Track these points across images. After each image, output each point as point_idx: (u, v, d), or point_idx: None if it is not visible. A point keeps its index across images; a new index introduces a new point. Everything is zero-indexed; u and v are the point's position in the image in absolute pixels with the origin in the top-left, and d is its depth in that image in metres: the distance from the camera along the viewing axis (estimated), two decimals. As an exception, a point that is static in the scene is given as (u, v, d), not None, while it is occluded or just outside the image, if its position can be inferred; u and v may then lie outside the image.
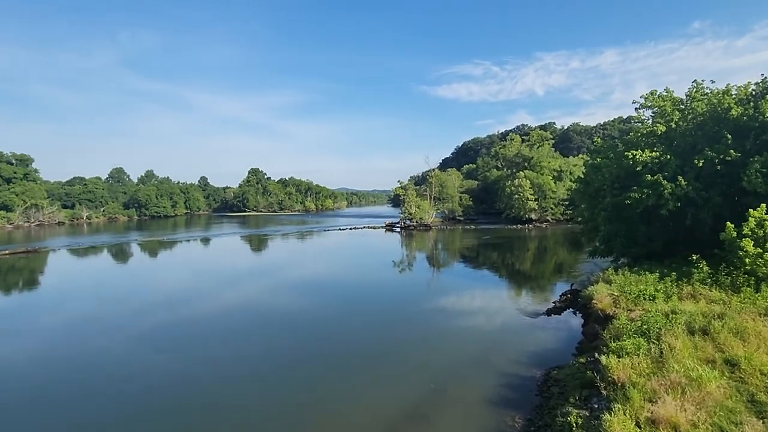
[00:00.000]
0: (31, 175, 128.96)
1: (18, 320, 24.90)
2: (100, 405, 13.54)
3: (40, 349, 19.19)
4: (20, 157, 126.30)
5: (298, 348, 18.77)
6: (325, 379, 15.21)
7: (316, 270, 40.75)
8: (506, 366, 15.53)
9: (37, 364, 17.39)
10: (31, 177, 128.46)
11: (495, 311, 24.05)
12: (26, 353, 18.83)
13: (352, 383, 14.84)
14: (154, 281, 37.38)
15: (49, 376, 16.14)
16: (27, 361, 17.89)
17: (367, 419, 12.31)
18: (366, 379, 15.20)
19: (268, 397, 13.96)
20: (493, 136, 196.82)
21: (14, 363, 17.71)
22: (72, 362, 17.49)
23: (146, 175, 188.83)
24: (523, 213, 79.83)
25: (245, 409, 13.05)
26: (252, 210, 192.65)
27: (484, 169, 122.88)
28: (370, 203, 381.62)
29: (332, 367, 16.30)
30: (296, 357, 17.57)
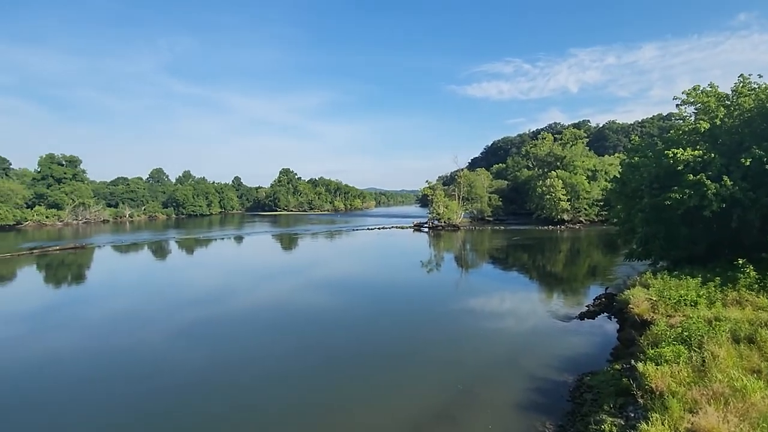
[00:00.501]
0: (80, 175, 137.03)
1: (67, 312, 26.57)
2: (138, 394, 14.28)
3: (86, 341, 20.41)
4: (70, 158, 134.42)
5: (327, 346, 19.09)
6: (353, 377, 15.43)
7: (345, 269, 41.24)
8: (537, 370, 15.25)
9: (83, 355, 18.51)
10: (79, 177, 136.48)
11: (525, 314, 23.62)
12: (74, 344, 20.07)
13: (378, 382, 14.98)
14: (190, 278, 38.89)
15: (94, 366, 17.16)
16: (75, 351, 19.07)
17: (392, 419, 12.41)
18: (393, 378, 15.29)
19: (295, 394, 14.26)
20: (524, 135, 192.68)
21: (63, 353, 18.92)
22: (115, 354, 18.49)
23: (184, 175, 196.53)
24: (555, 214, 77.72)
25: (273, 405, 13.45)
26: (283, 209, 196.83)
27: (514, 168, 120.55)
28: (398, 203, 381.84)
29: (359, 366, 16.53)
30: (324, 355, 17.89)
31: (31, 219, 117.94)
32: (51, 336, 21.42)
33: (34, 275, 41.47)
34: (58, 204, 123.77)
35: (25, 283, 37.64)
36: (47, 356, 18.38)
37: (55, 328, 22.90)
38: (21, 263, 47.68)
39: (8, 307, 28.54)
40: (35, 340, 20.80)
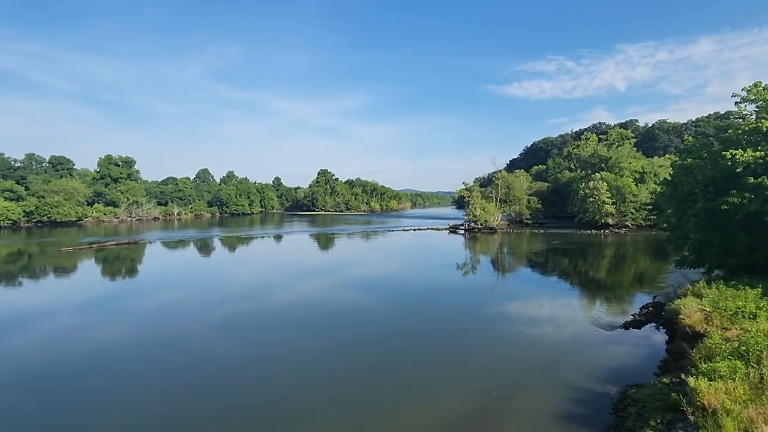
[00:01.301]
0: (134, 175, 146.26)
1: (121, 303, 28.46)
2: (181, 382, 15.09)
3: (136, 330, 21.80)
4: (125, 159, 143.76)
5: (360, 344, 19.35)
6: (384, 376, 15.54)
7: (380, 269, 41.50)
8: (576, 379, 14.73)
9: (133, 344, 19.75)
10: (134, 177, 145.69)
11: (565, 321, 22.83)
12: (126, 333, 21.47)
13: (410, 382, 14.97)
14: (232, 274, 40.50)
15: (142, 354, 18.27)
16: (126, 340, 20.38)
17: (422, 420, 12.38)
18: (424, 379, 15.23)
19: (328, 390, 14.52)
20: (566, 136, 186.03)
21: (116, 341, 20.28)
22: (161, 343, 19.64)
23: (227, 175, 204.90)
24: (599, 217, 74.45)
25: (306, 399, 13.76)
26: (320, 209, 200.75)
27: (554, 170, 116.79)
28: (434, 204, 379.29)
29: (392, 365, 16.61)
30: (357, 353, 18.15)
31: (90, 215, 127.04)
32: (106, 325, 23.04)
33: (93, 268, 44.66)
34: (115, 202, 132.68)
35: (85, 275, 40.62)
36: (102, 343, 19.78)
37: (109, 318, 24.62)
38: (82, 256, 51.51)
39: (71, 297, 30.94)
40: (92, 328, 22.44)
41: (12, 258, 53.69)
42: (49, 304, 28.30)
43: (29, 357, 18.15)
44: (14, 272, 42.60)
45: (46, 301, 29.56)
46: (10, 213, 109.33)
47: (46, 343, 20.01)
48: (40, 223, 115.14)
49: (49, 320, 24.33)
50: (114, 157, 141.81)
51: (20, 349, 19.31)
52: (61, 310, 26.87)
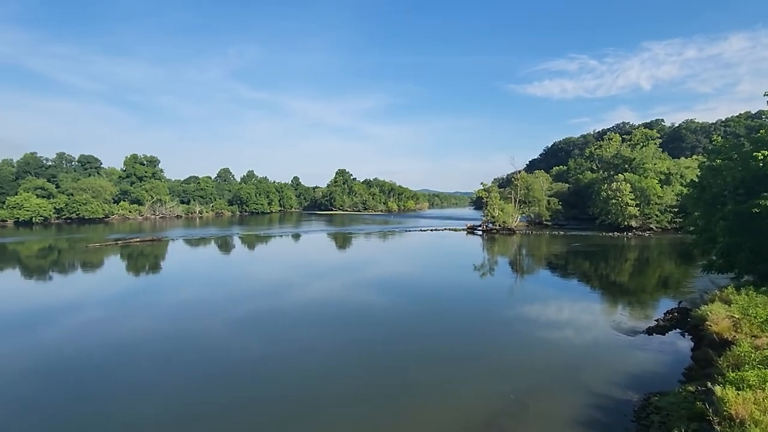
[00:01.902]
0: (158, 174, 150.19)
1: (144, 298, 29.29)
2: (202, 377, 15.41)
3: (158, 325, 22.42)
4: (150, 158, 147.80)
5: (376, 344, 19.37)
6: (400, 377, 15.50)
7: (397, 269, 41.50)
8: (597, 385, 14.42)
9: (155, 338, 20.32)
10: (158, 176, 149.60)
11: (585, 325, 22.37)
12: (148, 327, 22.08)
13: (426, 383, 14.92)
14: (251, 271, 41.16)
15: (164, 349, 18.75)
16: (149, 334, 20.98)
17: (438, 422, 12.33)
18: (440, 380, 15.16)
19: (343, 389, 14.60)
20: (588, 136, 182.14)
21: (139, 335, 20.88)
22: (182, 338, 20.10)
23: (248, 175, 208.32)
24: (622, 220, 72.62)
25: (321, 398, 13.88)
26: (338, 209, 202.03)
27: (576, 171, 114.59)
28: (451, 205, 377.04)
29: (408, 366, 16.57)
30: (374, 352, 18.19)
31: (116, 213, 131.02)
32: (130, 319, 23.74)
33: (118, 264, 46.08)
34: (139, 200, 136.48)
35: (111, 271, 41.94)
36: (126, 337, 20.41)
37: (133, 312, 25.37)
38: (108, 252, 53.22)
39: (97, 291, 31.99)
40: (117, 322, 23.15)
41: (43, 253, 55.89)
42: (77, 299, 29.35)
43: (59, 348, 18.87)
44: (45, 267, 44.35)
45: (74, 295, 30.66)
46: (41, 210, 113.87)
47: (74, 336, 20.78)
48: (70, 219, 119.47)
49: (76, 314, 25.24)
50: (139, 157, 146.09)
51: (51, 340, 20.11)
52: (88, 304, 27.82)
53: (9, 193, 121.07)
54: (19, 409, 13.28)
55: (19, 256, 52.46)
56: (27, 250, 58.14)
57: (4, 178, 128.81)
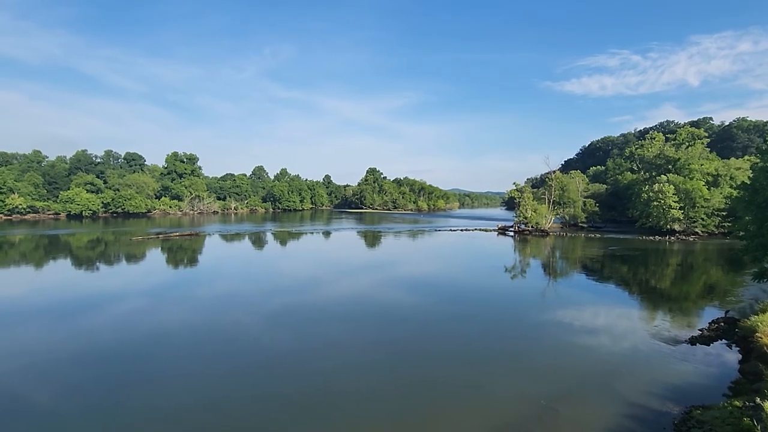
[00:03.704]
0: (196, 171, 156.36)
1: (181, 290, 30.61)
2: (232, 369, 15.96)
3: (193, 316, 23.36)
4: (189, 156, 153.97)
5: (403, 343, 19.33)
6: (427, 378, 15.43)
7: (426, 268, 41.37)
8: (634, 395, 13.88)
9: (190, 329, 21.20)
10: (196, 173, 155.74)
11: (622, 332, 21.52)
12: (184, 318, 23.07)
13: (452, 385, 14.81)
14: (282, 267, 42.17)
15: (198, 340, 19.54)
16: (184, 325, 21.92)
17: (466, 425, 12.21)
18: (468, 382, 15.02)
19: (369, 387, 14.72)
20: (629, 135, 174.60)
21: (175, 326, 21.87)
22: (215, 330, 20.87)
23: (281, 172, 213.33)
24: (664, 223, 69.18)
25: (347, 394, 14.07)
26: (368, 207, 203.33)
27: (614, 171, 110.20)
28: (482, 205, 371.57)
29: (436, 367, 16.47)
30: (400, 352, 18.18)
31: (158, 208, 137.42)
32: (168, 309, 24.94)
33: (159, 256, 48.35)
34: (179, 196, 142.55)
35: (152, 263, 44.06)
36: (164, 326, 21.47)
37: (171, 303, 26.61)
38: (150, 245, 55.96)
39: (139, 282, 33.71)
40: (156, 312, 24.40)
41: (92, 245, 59.46)
42: (121, 289, 31.05)
43: (104, 335, 20.08)
44: (93, 258, 47.16)
45: (118, 285, 32.45)
46: (91, 204, 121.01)
47: (118, 323, 22.03)
48: (116, 213, 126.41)
49: (120, 303, 26.73)
50: (179, 154, 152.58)
51: (97, 327, 21.42)
52: (130, 294, 29.39)
53: (62, 188, 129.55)
54: (67, 389, 14.25)
55: (70, 248, 56.06)
56: (77, 242, 62.04)
57: (58, 173, 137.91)
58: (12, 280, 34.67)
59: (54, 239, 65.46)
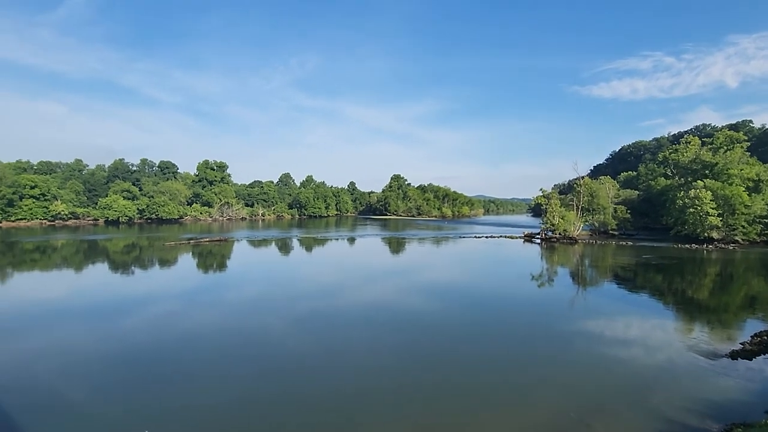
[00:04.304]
0: (226, 178, 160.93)
1: (211, 294, 31.54)
2: (261, 369, 16.35)
3: (221, 320, 24.01)
4: (219, 164, 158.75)
5: (426, 351, 19.24)
6: (451, 385, 15.36)
7: (450, 275, 41.10)
8: (670, 410, 13.40)
9: (218, 332, 21.79)
10: (226, 180, 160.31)
11: (657, 344, 20.76)
12: (213, 322, 23.75)
13: (475, 393, 14.63)
14: (307, 272, 42.78)
15: (225, 343, 20.07)
16: (212, 328, 22.56)
17: (499, 434, 12.11)
18: (491, 391, 14.83)
19: (393, 395, 14.72)
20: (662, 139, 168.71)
21: (203, 329, 22.54)
22: (242, 334, 21.40)
23: (307, 179, 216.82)
24: (701, 231, 66.22)
25: (371, 400, 14.16)
26: (392, 214, 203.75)
27: (647, 177, 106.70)
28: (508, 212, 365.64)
29: (458, 375, 16.34)
30: (423, 359, 18.11)
31: (189, 214, 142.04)
32: (197, 313, 25.76)
33: (190, 261, 49.99)
34: (209, 202, 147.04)
35: (184, 267, 45.61)
36: (193, 329, 22.16)
37: (201, 306, 27.49)
38: (181, 250, 57.96)
39: (171, 286, 34.98)
40: (186, 315, 25.27)
41: (127, 249, 62.10)
42: (154, 292, 32.31)
43: (137, 336, 20.93)
44: (129, 262, 49.25)
45: (152, 288, 33.77)
46: (127, 210, 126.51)
47: (150, 325, 22.96)
48: (150, 219, 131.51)
49: (153, 305, 27.85)
50: (210, 162, 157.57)
51: (130, 328, 22.35)
52: (163, 297, 30.55)
53: (101, 195, 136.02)
54: (103, 387, 14.94)
55: (108, 252, 58.73)
56: (114, 247, 64.93)
57: (98, 181, 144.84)
58: (54, 283, 36.62)
59: (93, 244, 68.74)
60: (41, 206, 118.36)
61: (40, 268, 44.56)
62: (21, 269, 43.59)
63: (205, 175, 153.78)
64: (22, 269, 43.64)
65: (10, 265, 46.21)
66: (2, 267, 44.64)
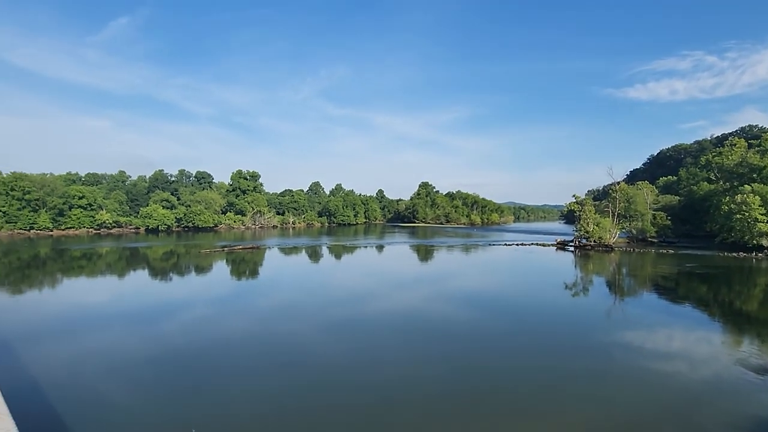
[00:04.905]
0: (258, 188, 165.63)
1: (243, 300, 32.48)
2: (291, 376, 16.63)
3: (253, 326, 24.63)
4: (252, 173, 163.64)
5: (459, 360, 18.97)
6: (487, 397, 15.09)
7: (480, 284, 40.51)
8: (715, 428, 12.69)
9: (250, 338, 22.39)
10: (258, 189, 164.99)
11: (702, 358, 19.70)
12: (245, 327, 24.40)
13: (507, 405, 14.34)
14: (337, 279, 43.28)
15: (257, 349, 20.56)
16: (245, 334, 23.18)
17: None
18: (531, 405, 14.47)
19: (422, 404, 14.68)
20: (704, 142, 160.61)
21: (236, 334, 23.18)
22: (273, 340, 21.88)
23: (336, 188, 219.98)
24: (749, 238, 62.35)
25: (399, 409, 14.14)
26: (420, 221, 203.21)
27: (688, 181, 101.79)
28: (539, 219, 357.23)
29: (494, 387, 16.01)
30: (452, 368, 17.88)
31: (224, 222, 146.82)
32: (230, 318, 26.55)
33: (224, 268, 51.63)
34: (243, 211, 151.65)
35: (218, 274, 47.17)
36: (226, 334, 22.83)
37: (233, 312, 28.34)
38: (216, 257, 59.97)
39: (206, 292, 36.22)
40: (219, 320, 26.07)
41: (166, 256, 64.85)
42: (190, 297, 33.56)
43: (173, 339, 21.79)
44: (167, 268, 51.41)
45: (188, 294, 35.11)
46: (166, 219, 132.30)
47: (186, 329, 23.83)
48: (187, 228, 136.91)
49: (189, 310, 28.95)
50: (243, 172, 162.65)
51: (167, 332, 23.32)
52: (198, 302, 31.67)
53: (142, 204, 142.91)
54: (143, 388, 15.63)
55: (148, 259, 61.55)
56: (154, 254, 67.96)
57: (139, 191, 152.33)
58: (99, 288, 38.70)
59: (134, 251, 72.21)
60: (88, 215, 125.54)
61: (87, 274, 47.21)
62: (69, 275, 46.34)
63: (239, 185, 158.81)
64: (71, 275, 46.38)
65: (60, 271, 49.21)
66: (53, 273, 47.62)
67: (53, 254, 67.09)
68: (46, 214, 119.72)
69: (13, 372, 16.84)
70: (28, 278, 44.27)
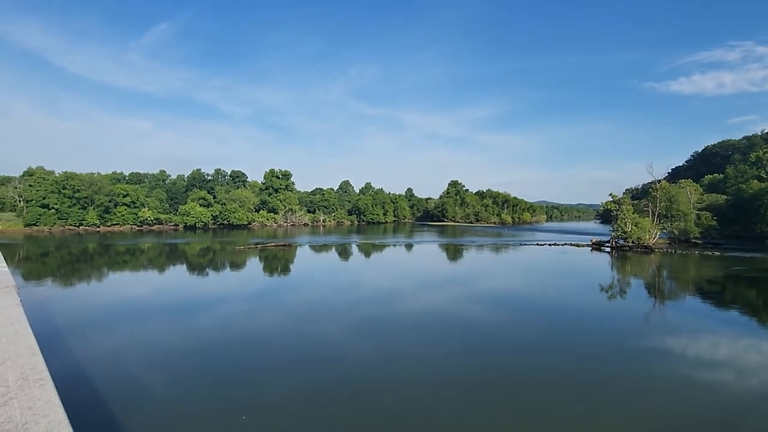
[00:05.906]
0: (290, 186, 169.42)
1: (276, 297, 33.29)
2: (320, 374, 16.98)
3: (284, 322, 25.21)
4: (284, 172, 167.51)
5: (487, 363, 18.81)
6: (518, 402, 14.94)
7: (511, 284, 39.81)
8: (765, 441, 12.02)
9: (281, 334, 22.95)
10: (290, 188, 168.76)
11: (752, 367, 18.63)
12: (277, 324, 25.04)
13: (545, 416, 14.09)
14: (366, 278, 43.62)
15: (287, 346, 21.07)
16: (276, 330, 23.80)
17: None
18: (563, 415, 14.19)
19: (450, 407, 14.66)
20: (754, 138, 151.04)
21: (268, 331, 23.85)
22: (303, 338, 22.33)
23: (365, 186, 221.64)
24: (807, 240, 58.12)
25: (422, 411, 14.17)
26: (450, 220, 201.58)
27: (736, 179, 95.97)
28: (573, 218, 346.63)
29: (526, 392, 15.79)
30: (484, 371, 17.75)
31: (257, 220, 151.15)
32: (262, 313, 27.34)
33: (257, 264, 53.14)
34: (275, 209, 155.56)
35: (252, 271, 48.59)
36: (258, 329, 23.57)
37: (265, 308, 29.16)
38: (249, 254, 61.80)
39: (240, 287, 37.43)
40: (253, 315, 26.90)
41: (202, 253, 67.41)
42: (225, 292, 34.77)
43: (209, 333, 22.62)
44: (204, 264, 53.45)
45: (223, 289, 36.39)
46: (202, 217, 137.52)
47: (220, 323, 24.69)
48: (222, 225, 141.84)
49: (224, 305, 29.99)
50: (276, 171, 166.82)
51: (203, 326, 24.23)
52: (232, 297, 32.77)
53: (181, 202, 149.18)
54: (180, 379, 16.39)
55: (186, 255, 64.19)
56: (191, 250, 70.80)
57: (178, 190, 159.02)
58: (141, 282, 40.73)
59: (174, 247, 75.45)
60: (131, 213, 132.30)
61: (130, 269, 49.80)
62: (114, 269, 49.03)
63: (271, 183, 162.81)
64: (116, 269, 49.06)
65: (105, 265, 52.16)
66: (100, 267, 50.53)
67: (100, 249, 71.14)
68: (94, 211, 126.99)
69: (64, 361, 17.96)
70: (78, 271, 47.19)
